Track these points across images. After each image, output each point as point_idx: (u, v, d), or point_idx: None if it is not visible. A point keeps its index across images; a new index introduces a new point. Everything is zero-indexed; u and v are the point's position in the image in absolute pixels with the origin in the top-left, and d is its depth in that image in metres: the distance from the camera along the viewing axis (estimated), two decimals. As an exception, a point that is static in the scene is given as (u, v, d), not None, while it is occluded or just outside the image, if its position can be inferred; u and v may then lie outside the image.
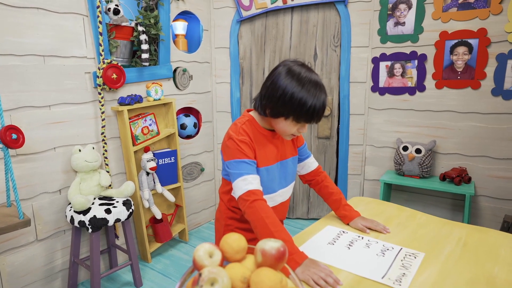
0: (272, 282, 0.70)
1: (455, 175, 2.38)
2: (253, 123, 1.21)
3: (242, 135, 1.16)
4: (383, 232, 1.25)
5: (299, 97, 1.07)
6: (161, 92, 2.38)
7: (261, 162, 1.20)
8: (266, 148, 1.22)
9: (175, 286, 0.72)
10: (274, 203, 1.27)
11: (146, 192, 2.31)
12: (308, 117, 1.10)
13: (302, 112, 1.09)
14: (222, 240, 0.81)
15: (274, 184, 1.25)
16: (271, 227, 1.04)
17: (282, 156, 1.27)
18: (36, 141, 1.92)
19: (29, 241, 1.95)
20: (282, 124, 1.14)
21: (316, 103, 1.08)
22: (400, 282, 0.94)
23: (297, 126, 1.14)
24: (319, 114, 1.11)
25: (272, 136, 1.24)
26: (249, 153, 1.15)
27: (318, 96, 1.09)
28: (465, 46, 2.36)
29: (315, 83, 1.10)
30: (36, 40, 1.86)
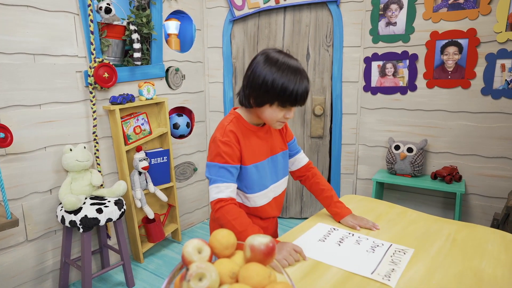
0: (260, 277, 0.70)
1: (446, 173, 2.40)
2: (240, 120, 1.21)
3: (227, 135, 1.16)
4: (373, 229, 1.26)
5: (280, 82, 1.09)
6: (154, 91, 2.37)
7: (250, 159, 1.20)
8: (254, 144, 1.22)
9: (163, 283, 0.72)
10: (267, 199, 1.27)
11: (138, 191, 2.30)
12: (292, 101, 1.11)
13: (285, 97, 1.10)
14: (211, 236, 0.81)
15: (266, 180, 1.25)
16: (238, 228, 1.07)
17: (272, 151, 1.27)
18: (26, 140, 1.90)
19: (19, 241, 1.93)
20: (268, 112, 1.14)
21: (298, 87, 1.10)
22: (389, 278, 0.95)
23: (283, 112, 1.14)
24: (302, 97, 1.12)
25: (260, 131, 1.24)
26: (231, 157, 1.15)
27: (299, 79, 1.11)
28: (455, 46, 2.38)
29: (295, 67, 1.11)
30: (26, 39, 1.84)
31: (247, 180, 1.21)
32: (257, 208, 1.26)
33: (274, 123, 1.17)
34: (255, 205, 1.25)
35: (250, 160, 1.20)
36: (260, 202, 1.25)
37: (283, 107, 1.13)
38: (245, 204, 1.26)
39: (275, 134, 1.31)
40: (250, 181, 1.21)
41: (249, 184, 1.21)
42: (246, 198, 1.25)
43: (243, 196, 1.25)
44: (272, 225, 1.38)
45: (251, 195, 1.23)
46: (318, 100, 2.86)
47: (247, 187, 1.22)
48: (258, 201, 1.25)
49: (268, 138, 1.27)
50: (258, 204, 1.25)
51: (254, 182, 1.21)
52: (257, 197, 1.24)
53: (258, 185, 1.23)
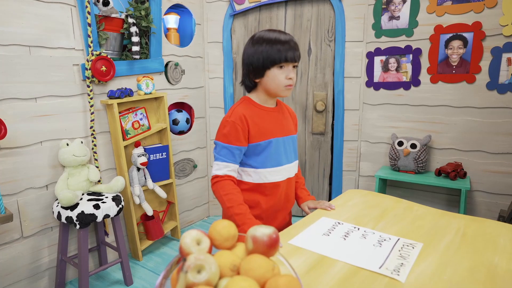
0: (263, 269, 0.66)
1: (451, 170, 2.35)
2: (251, 102, 1.30)
3: (234, 116, 1.24)
4: (328, 209, 1.31)
5: (268, 41, 1.20)
6: (152, 86, 2.32)
7: (263, 135, 1.26)
8: (268, 122, 1.28)
9: (159, 277, 0.67)
10: (282, 177, 1.32)
11: (136, 188, 2.25)
12: (285, 53, 1.19)
13: (276, 51, 1.19)
14: (211, 227, 0.77)
15: (281, 157, 1.30)
16: (226, 203, 1.19)
17: (286, 132, 1.33)
18: (21, 134, 1.85)
19: (14, 238, 1.89)
20: (271, 79, 1.23)
21: (286, 37, 1.21)
22: (399, 272, 0.90)
23: (283, 72, 1.22)
24: (292, 47, 1.21)
25: (273, 111, 1.32)
26: (234, 138, 1.23)
27: (285, 35, 1.23)
28: (460, 40, 2.34)
29: (278, 30, 1.25)
30: (21, 30, 1.80)
31: (260, 155, 1.27)
32: (268, 184, 1.29)
33: (281, 89, 1.24)
34: (266, 180, 1.29)
35: (263, 137, 1.26)
36: (271, 178, 1.29)
37: (280, 67, 1.21)
38: (256, 181, 1.29)
39: (288, 118, 1.38)
40: (263, 156, 1.27)
41: (261, 159, 1.27)
42: (256, 174, 1.28)
43: (253, 173, 1.29)
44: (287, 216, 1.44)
45: (263, 169, 1.28)
46: (320, 96, 2.82)
47: (259, 162, 1.27)
48: (269, 176, 1.29)
49: (282, 119, 1.34)
50: (270, 179, 1.29)
51: (267, 157, 1.27)
52: (269, 172, 1.28)
53: (271, 160, 1.28)
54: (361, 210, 1.33)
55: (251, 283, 0.61)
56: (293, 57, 1.22)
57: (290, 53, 1.21)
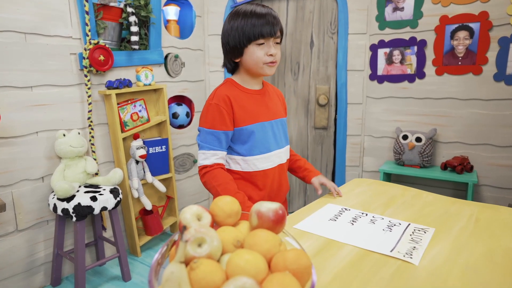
0: (269, 244, 0.60)
1: (457, 163, 2.30)
2: (234, 83, 1.21)
3: (217, 98, 1.16)
4: (334, 196, 1.27)
5: (244, 15, 1.12)
6: (152, 77, 2.28)
7: (248, 120, 1.17)
8: (252, 105, 1.19)
9: (156, 254, 0.62)
10: (272, 163, 1.23)
11: (135, 181, 2.20)
12: (260, 28, 1.10)
13: (252, 26, 1.11)
14: (212, 203, 0.71)
15: (270, 143, 1.21)
16: (221, 193, 1.10)
17: (273, 115, 1.24)
18: (16, 124, 1.80)
19: (8, 231, 1.83)
20: (249, 57, 1.14)
21: (261, 10, 1.12)
22: (411, 255, 0.85)
23: (262, 49, 1.13)
24: (270, 20, 1.11)
25: (258, 94, 1.23)
26: (220, 122, 1.14)
27: (262, 7, 1.14)
28: (466, 30, 2.29)
29: (257, 3, 1.17)
30: (16, 16, 1.75)
31: (246, 141, 1.18)
32: (258, 173, 1.20)
33: (261, 66, 1.15)
34: (256, 168, 1.20)
35: (248, 121, 1.17)
36: (261, 166, 1.20)
37: (258, 44, 1.12)
38: (245, 170, 1.20)
39: (275, 100, 1.29)
40: (250, 143, 1.17)
41: (248, 146, 1.18)
42: (245, 162, 1.20)
43: (242, 161, 1.20)
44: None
45: (251, 157, 1.18)
46: (322, 90, 2.77)
47: (247, 149, 1.18)
48: (259, 164, 1.20)
49: (268, 102, 1.24)
50: (260, 167, 1.20)
51: (254, 144, 1.17)
52: (258, 160, 1.19)
53: (259, 147, 1.19)
54: (368, 197, 1.27)
55: (257, 255, 0.56)
56: (271, 31, 1.11)
57: (266, 27, 1.10)
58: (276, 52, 1.14)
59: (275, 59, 1.15)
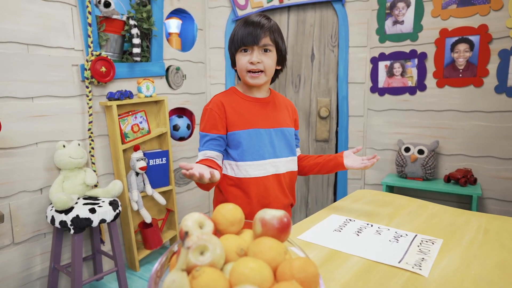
0: (274, 252, 0.58)
1: (460, 176, 2.27)
2: (234, 91, 1.24)
3: (212, 103, 1.19)
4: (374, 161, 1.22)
5: (238, 24, 1.16)
6: (153, 89, 2.27)
7: (241, 125, 1.17)
8: (248, 111, 1.20)
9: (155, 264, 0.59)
10: (265, 172, 1.19)
11: (135, 193, 2.17)
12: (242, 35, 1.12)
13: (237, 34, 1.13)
14: (215, 211, 0.69)
15: (263, 150, 1.19)
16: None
17: (275, 124, 1.23)
18: (16, 134, 1.78)
19: (4, 244, 1.79)
20: (237, 63, 1.17)
21: (253, 19, 1.13)
22: (420, 266, 0.82)
23: (245, 56, 1.14)
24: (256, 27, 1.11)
25: (259, 101, 1.23)
26: (213, 126, 1.17)
27: (259, 17, 1.15)
28: (466, 43, 2.30)
29: (260, 13, 1.18)
30: (19, 27, 1.76)
31: (238, 146, 1.17)
32: (250, 180, 1.17)
33: (245, 75, 1.17)
34: (247, 175, 1.18)
35: (240, 126, 1.17)
36: (253, 173, 1.18)
37: (245, 51, 1.14)
38: (237, 175, 1.19)
39: (281, 110, 1.28)
40: (242, 148, 1.17)
41: (240, 150, 1.17)
42: (237, 168, 1.19)
43: (235, 166, 1.19)
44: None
45: (242, 162, 1.17)
46: (324, 102, 2.76)
47: (239, 154, 1.17)
48: (250, 170, 1.18)
49: (270, 111, 1.24)
50: (251, 174, 1.18)
51: (246, 149, 1.17)
52: (249, 166, 1.17)
53: (251, 153, 1.17)
54: (372, 208, 1.25)
55: (262, 264, 0.53)
56: (253, 39, 1.11)
57: (249, 35, 1.11)
58: (259, 60, 1.13)
59: (257, 68, 1.14)
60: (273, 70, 1.19)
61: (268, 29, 1.13)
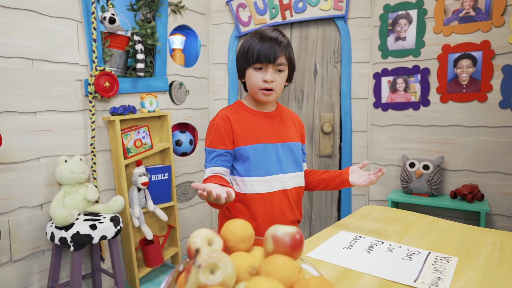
0: (288, 271, 0.55)
1: (467, 191, 2.24)
2: (241, 105, 1.24)
3: (218, 118, 1.17)
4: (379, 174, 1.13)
5: (253, 37, 1.14)
6: (156, 104, 2.27)
7: (248, 140, 1.15)
8: (255, 126, 1.18)
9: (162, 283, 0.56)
10: (271, 188, 1.16)
11: (136, 209, 2.13)
12: (259, 52, 1.09)
13: (252, 49, 1.10)
14: (224, 227, 0.66)
15: (270, 165, 1.16)
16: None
17: (282, 139, 1.21)
18: (17, 149, 1.76)
19: (2, 262, 1.74)
20: (248, 79, 1.15)
21: (270, 35, 1.11)
22: (437, 286, 0.78)
23: (259, 74, 1.12)
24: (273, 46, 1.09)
25: (266, 116, 1.21)
26: (219, 141, 1.15)
27: (275, 32, 1.13)
28: (469, 58, 2.31)
29: (275, 28, 1.16)
30: (25, 43, 1.76)
31: (244, 161, 1.15)
32: (255, 196, 1.14)
33: (256, 91, 1.15)
34: (253, 191, 1.15)
35: (247, 141, 1.15)
36: (259, 189, 1.15)
37: (255, 69, 1.12)
38: (243, 191, 1.16)
39: (288, 124, 1.26)
40: (248, 163, 1.14)
41: (246, 166, 1.15)
42: (243, 183, 1.16)
43: (240, 182, 1.17)
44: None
45: (248, 178, 1.15)
46: (327, 117, 2.75)
47: (245, 169, 1.15)
48: (256, 186, 1.15)
49: (277, 125, 1.22)
50: (257, 190, 1.15)
51: (252, 164, 1.14)
52: (256, 181, 1.15)
53: (257, 168, 1.14)
54: (382, 225, 1.21)
55: (276, 283, 0.50)
56: (269, 57, 1.08)
57: (266, 53, 1.08)
58: (272, 79, 1.12)
59: (270, 86, 1.13)
60: (282, 88, 1.19)
61: (285, 47, 1.12)
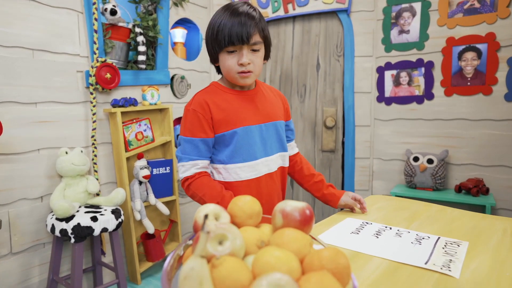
0: (299, 244, 0.53)
1: (472, 185, 2.21)
2: (216, 85, 1.11)
3: (194, 103, 1.07)
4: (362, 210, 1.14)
5: (220, 15, 1.02)
6: (158, 97, 2.25)
7: (230, 124, 1.06)
8: (236, 107, 1.08)
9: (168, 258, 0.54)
10: (257, 173, 1.09)
11: (138, 202, 2.11)
12: (229, 33, 0.98)
13: (221, 31, 0.99)
14: (231, 203, 0.64)
15: (254, 149, 1.08)
16: (207, 202, 1.00)
17: (264, 118, 1.11)
18: (18, 140, 1.74)
19: (2, 254, 1.72)
20: (222, 64, 1.05)
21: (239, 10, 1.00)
22: (449, 268, 0.76)
23: (233, 57, 1.02)
24: (243, 23, 0.98)
25: (245, 94, 1.11)
26: (198, 129, 1.05)
27: (243, 6, 1.02)
28: (474, 51, 2.28)
29: (243, 1, 1.07)
30: (25, 32, 1.74)
31: (226, 147, 1.07)
32: (240, 183, 1.07)
33: (234, 75, 1.04)
34: (238, 178, 1.07)
35: (229, 126, 1.06)
36: (244, 175, 1.08)
37: (231, 52, 1.01)
38: (226, 179, 1.08)
39: (271, 101, 1.16)
40: (231, 148, 1.06)
41: (229, 151, 1.06)
42: (226, 171, 1.08)
43: (223, 169, 1.09)
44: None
45: (232, 165, 1.07)
46: (329, 112, 2.73)
47: (228, 155, 1.07)
48: (241, 173, 1.07)
49: (259, 103, 1.12)
50: (242, 177, 1.07)
51: (236, 150, 1.06)
52: (240, 168, 1.07)
53: (242, 154, 1.07)
54: (389, 212, 1.19)
55: (288, 253, 0.48)
56: (242, 38, 0.97)
57: (237, 32, 0.97)
58: (249, 61, 1.01)
59: (247, 69, 1.02)
60: (261, 67, 1.08)
61: (257, 23, 1.01)
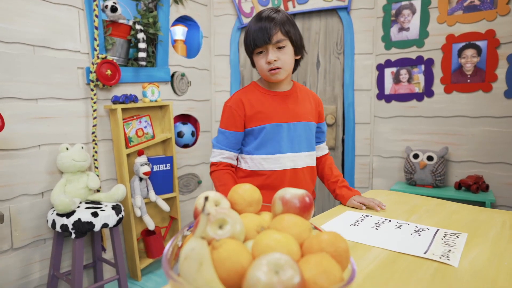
0: (299, 228, 0.53)
1: (472, 182, 2.21)
2: (255, 86, 1.24)
3: (231, 100, 1.21)
4: (377, 209, 1.12)
5: (250, 24, 1.15)
6: (158, 94, 2.25)
7: (261, 120, 1.18)
8: (269, 106, 1.19)
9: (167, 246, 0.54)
10: (282, 166, 1.19)
11: (138, 198, 2.11)
12: (253, 37, 1.11)
13: (248, 37, 1.13)
14: (231, 191, 0.65)
15: (281, 144, 1.18)
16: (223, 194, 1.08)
17: (294, 118, 1.21)
18: (19, 136, 1.75)
19: (3, 249, 1.73)
20: (256, 65, 1.18)
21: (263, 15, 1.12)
22: (448, 257, 0.76)
23: (263, 58, 1.14)
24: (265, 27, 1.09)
25: (280, 95, 1.22)
26: (231, 123, 1.19)
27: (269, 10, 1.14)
28: (474, 48, 2.29)
29: (271, 8, 1.16)
30: (26, 29, 1.75)
31: (254, 140, 1.19)
32: (264, 173, 1.18)
33: (266, 73, 1.16)
34: (262, 168, 1.18)
35: (259, 121, 1.18)
36: (267, 166, 1.18)
37: (260, 52, 1.14)
38: (251, 168, 1.20)
39: (303, 103, 1.25)
40: (258, 141, 1.18)
41: (256, 144, 1.18)
42: (252, 161, 1.20)
43: (249, 159, 1.20)
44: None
45: (257, 156, 1.18)
46: (329, 109, 2.74)
47: (254, 147, 1.19)
48: (265, 164, 1.18)
49: (292, 104, 1.22)
50: (266, 167, 1.18)
51: (262, 143, 1.17)
52: (264, 159, 1.18)
53: (267, 146, 1.18)
54: (389, 206, 1.19)
55: (287, 236, 0.48)
56: (264, 39, 1.09)
57: (259, 35, 1.10)
58: (275, 58, 1.12)
59: (275, 66, 1.13)
60: (291, 64, 1.18)
61: (278, 23, 1.11)
